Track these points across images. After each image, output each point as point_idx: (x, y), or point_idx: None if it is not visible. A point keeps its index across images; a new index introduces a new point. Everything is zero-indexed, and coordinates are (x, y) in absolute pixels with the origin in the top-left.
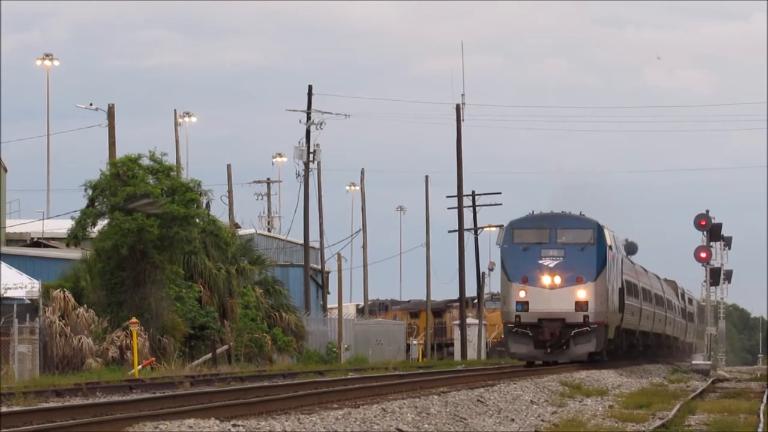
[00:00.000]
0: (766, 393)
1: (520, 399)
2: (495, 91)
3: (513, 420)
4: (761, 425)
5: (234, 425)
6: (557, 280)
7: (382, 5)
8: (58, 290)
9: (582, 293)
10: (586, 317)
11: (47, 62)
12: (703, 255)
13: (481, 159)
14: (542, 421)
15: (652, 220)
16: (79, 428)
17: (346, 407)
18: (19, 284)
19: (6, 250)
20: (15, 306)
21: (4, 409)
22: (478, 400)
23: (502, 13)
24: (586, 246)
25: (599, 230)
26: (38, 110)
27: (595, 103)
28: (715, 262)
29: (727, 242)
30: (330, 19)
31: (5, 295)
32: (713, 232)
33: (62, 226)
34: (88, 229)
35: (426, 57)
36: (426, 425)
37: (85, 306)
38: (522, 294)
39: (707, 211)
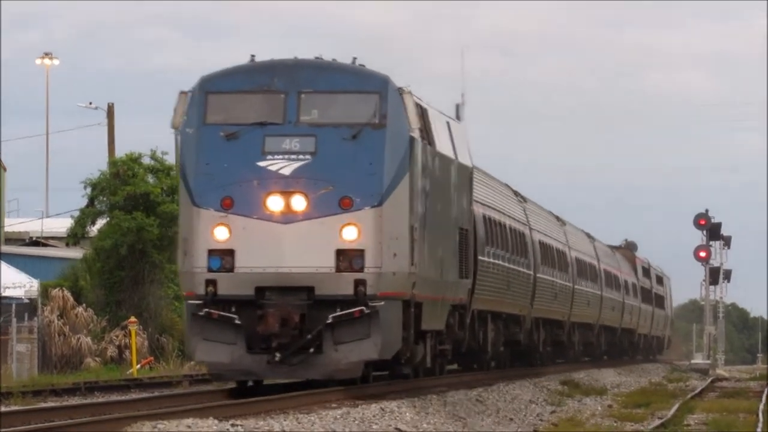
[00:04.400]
0: (765, 392)
1: (518, 398)
2: (495, 90)
3: (512, 419)
4: (760, 424)
5: (233, 425)
6: (298, 202)
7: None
8: (57, 289)
9: (351, 232)
10: (360, 284)
11: (47, 61)
12: (702, 254)
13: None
14: (541, 420)
15: (651, 220)
16: (77, 428)
17: (345, 406)
18: (17, 283)
19: (5, 249)
20: (14, 305)
21: (3, 408)
22: (477, 400)
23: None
24: (365, 129)
25: (393, 95)
26: (38, 109)
27: (596, 103)
28: (715, 262)
29: (727, 241)
30: (333, 19)
31: (4, 294)
32: (712, 231)
33: (61, 225)
34: (88, 229)
35: (428, 57)
36: (425, 425)
37: (84, 305)
38: (221, 234)
39: (706, 211)
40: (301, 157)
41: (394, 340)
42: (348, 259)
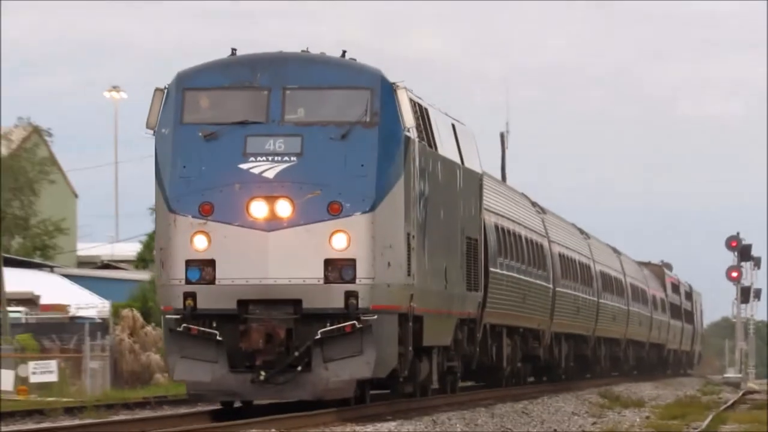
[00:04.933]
0: None
1: (562, 410)
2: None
3: (556, 430)
4: None
5: None
6: (283, 208)
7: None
8: (127, 310)
9: (341, 240)
10: (351, 297)
11: (114, 94)
12: (734, 275)
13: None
14: (583, 431)
15: (687, 242)
16: None
17: (398, 419)
18: (90, 304)
19: (78, 272)
20: (87, 325)
21: (78, 422)
22: (523, 412)
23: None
24: (355, 128)
25: (386, 91)
26: (107, 139)
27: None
28: (745, 281)
29: (757, 262)
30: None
31: (78, 314)
32: (743, 252)
33: (131, 249)
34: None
35: (473, 88)
36: None
37: (153, 324)
38: (200, 243)
39: (738, 233)
40: (286, 158)
41: (389, 356)
42: (338, 269)
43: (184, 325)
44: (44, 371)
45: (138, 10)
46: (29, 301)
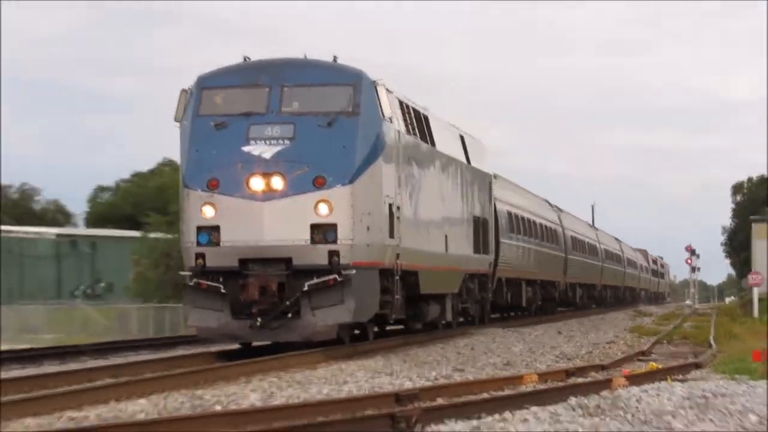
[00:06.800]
0: (714, 312)
1: (617, 318)
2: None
3: (615, 326)
4: (713, 322)
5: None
6: (277, 182)
7: None
8: None
9: (324, 207)
10: (334, 255)
11: None
12: (688, 261)
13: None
14: (626, 328)
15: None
16: None
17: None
18: None
19: None
20: None
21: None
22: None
23: None
24: (339, 117)
25: (367, 87)
26: None
27: None
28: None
29: (697, 254)
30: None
31: None
32: (692, 251)
33: None
34: None
35: None
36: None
37: None
38: (208, 212)
39: (691, 245)
40: (281, 142)
41: (369, 304)
42: (322, 232)
43: (195, 280)
44: None
45: None
46: None
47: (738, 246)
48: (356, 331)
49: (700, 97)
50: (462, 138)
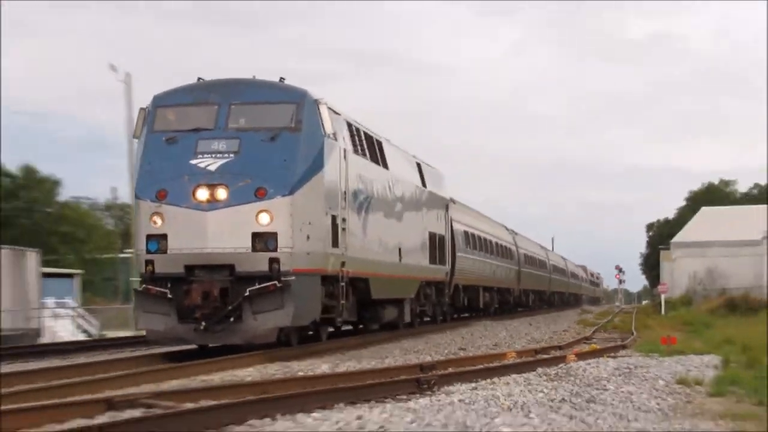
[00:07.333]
0: (634, 310)
1: (569, 315)
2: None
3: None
4: (634, 318)
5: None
6: (221, 193)
7: None
8: None
9: (265, 217)
10: (274, 262)
11: None
12: (617, 276)
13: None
14: (575, 321)
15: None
16: None
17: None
18: None
19: None
20: None
21: None
22: (530, 324)
23: None
24: (282, 133)
25: (309, 105)
26: None
27: None
28: (620, 277)
29: (622, 270)
30: None
31: None
32: (619, 269)
33: None
34: None
35: None
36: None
37: None
38: (157, 221)
39: (618, 265)
40: (226, 156)
41: (309, 309)
42: (263, 240)
43: (144, 285)
44: None
45: None
46: None
47: (650, 265)
48: (310, 333)
49: (629, 167)
50: (419, 165)
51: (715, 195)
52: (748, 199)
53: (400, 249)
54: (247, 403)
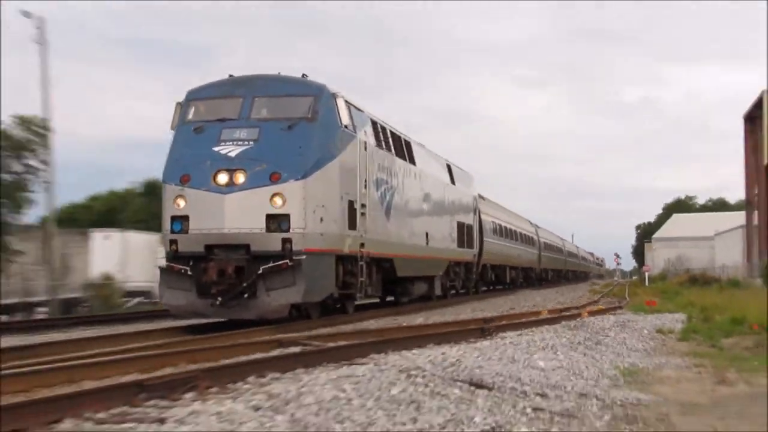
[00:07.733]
0: (627, 283)
1: (582, 287)
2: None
3: (583, 290)
4: (627, 289)
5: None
6: (239, 177)
7: None
8: None
9: (279, 200)
10: (287, 242)
11: None
12: (616, 260)
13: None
14: (587, 290)
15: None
16: None
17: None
18: None
19: None
20: None
21: None
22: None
23: None
24: (299, 122)
25: (326, 97)
26: None
27: None
28: (619, 262)
29: (619, 257)
30: None
31: None
32: (617, 254)
33: None
34: None
35: None
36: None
37: None
38: (180, 204)
39: (616, 253)
40: (246, 143)
41: (321, 286)
42: (276, 222)
43: (167, 263)
44: None
45: None
46: None
47: (638, 253)
48: (338, 305)
49: (624, 187)
50: (449, 166)
51: (682, 206)
52: (705, 208)
53: (427, 234)
54: (368, 344)
